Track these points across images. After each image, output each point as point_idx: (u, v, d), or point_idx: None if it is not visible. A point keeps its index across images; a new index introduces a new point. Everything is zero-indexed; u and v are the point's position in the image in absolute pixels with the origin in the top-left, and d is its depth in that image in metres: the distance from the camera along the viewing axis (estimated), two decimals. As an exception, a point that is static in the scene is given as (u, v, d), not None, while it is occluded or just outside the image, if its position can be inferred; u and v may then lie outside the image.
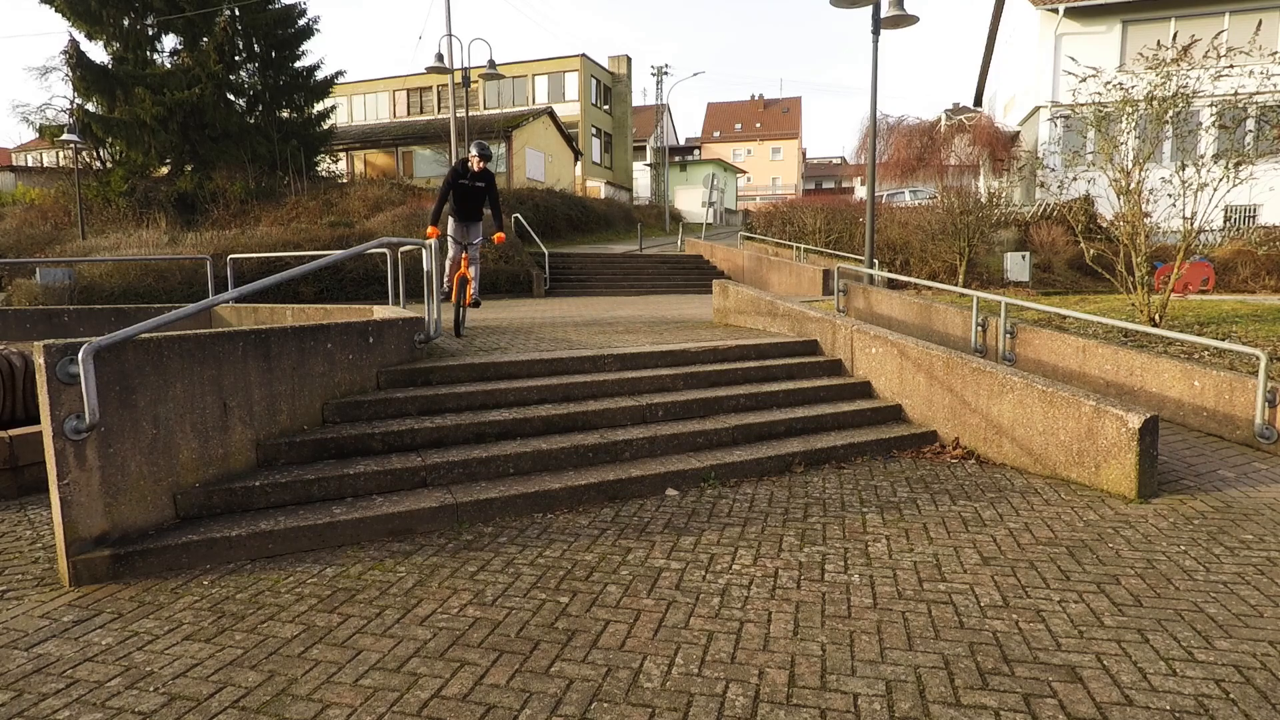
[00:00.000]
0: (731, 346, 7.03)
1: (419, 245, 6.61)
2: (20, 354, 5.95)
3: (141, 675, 2.85)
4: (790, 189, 63.25)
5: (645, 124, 53.11)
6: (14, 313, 10.21)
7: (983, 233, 15.83)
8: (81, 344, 3.58)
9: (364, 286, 15.72)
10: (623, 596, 3.48)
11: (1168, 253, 9.76)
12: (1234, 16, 20.61)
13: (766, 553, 3.99)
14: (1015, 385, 5.53)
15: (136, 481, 3.88)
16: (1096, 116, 8.86)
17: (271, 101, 24.63)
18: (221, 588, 3.60)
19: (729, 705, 2.64)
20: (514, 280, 17.56)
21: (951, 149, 24.07)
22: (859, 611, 3.32)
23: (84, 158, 23.17)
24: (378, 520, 4.19)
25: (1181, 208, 8.33)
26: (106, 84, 22.09)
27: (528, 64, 39.20)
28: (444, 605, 3.40)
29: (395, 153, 33.22)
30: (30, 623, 3.28)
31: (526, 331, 8.32)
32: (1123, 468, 4.86)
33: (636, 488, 4.90)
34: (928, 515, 4.54)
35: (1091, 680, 2.76)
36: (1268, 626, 3.14)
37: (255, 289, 4.85)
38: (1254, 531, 4.21)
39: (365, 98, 39.99)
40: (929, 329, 9.12)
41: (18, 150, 42.40)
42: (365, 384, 5.36)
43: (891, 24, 10.68)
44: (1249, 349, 5.88)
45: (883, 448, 5.87)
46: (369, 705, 2.65)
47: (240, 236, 17.65)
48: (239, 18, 23.06)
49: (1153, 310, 8.53)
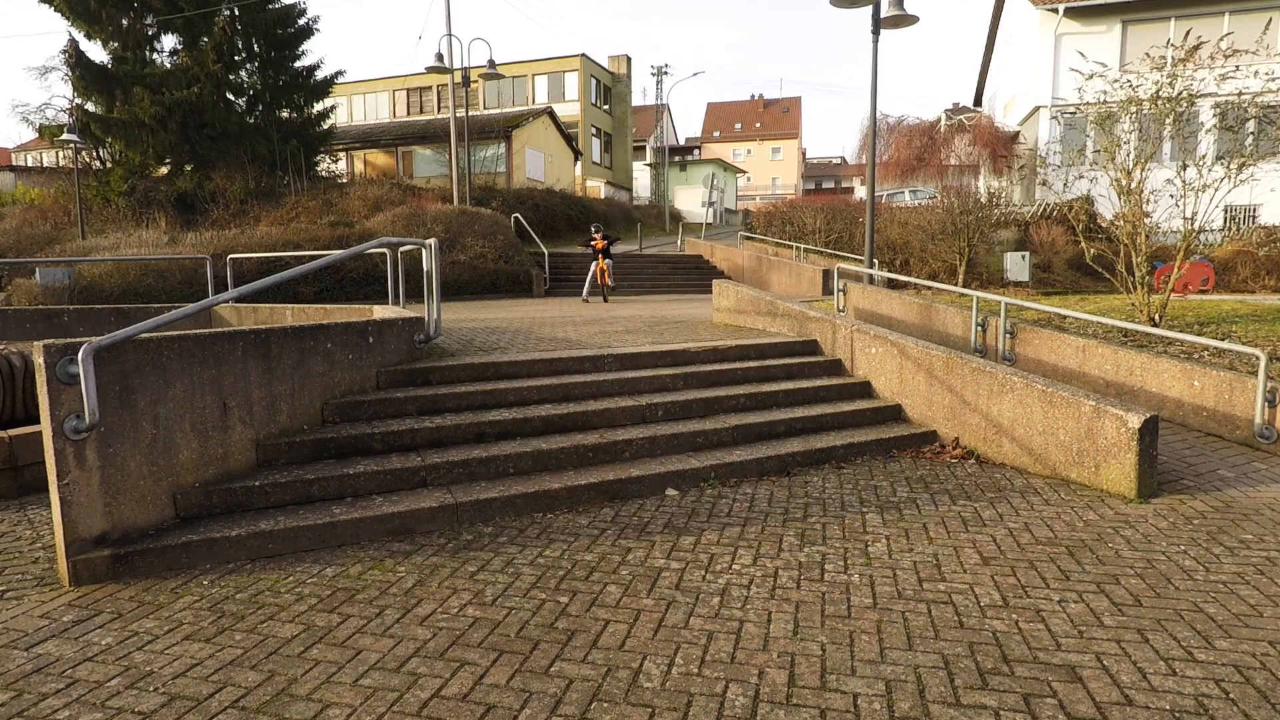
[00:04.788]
0: (731, 346, 7.03)
1: (419, 245, 6.61)
2: (20, 354, 5.94)
3: (141, 675, 2.85)
4: (790, 189, 63.24)
5: (645, 124, 53.10)
6: (14, 313, 10.20)
7: (983, 232, 15.83)
8: (81, 344, 3.58)
9: (364, 286, 15.71)
10: (622, 596, 3.48)
11: (1168, 252, 9.75)
12: (1234, 17, 20.61)
13: (766, 552, 3.98)
14: (1015, 385, 5.53)
15: (136, 481, 3.88)
16: (1099, 116, 8.86)
17: (271, 101, 24.58)
18: (221, 588, 3.60)
19: (729, 705, 2.64)
20: (514, 280, 17.55)
21: (951, 149, 24.06)
22: (859, 611, 3.32)
23: (83, 157, 23.14)
24: (377, 520, 4.19)
25: (1182, 208, 8.33)
26: (106, 84, 22.06)
27: (527, 64, 39.20)
28: (444, 605, 3.40)
29: (395, 152, 33.20)
30: (30, 623, 3.28)
31: (526, 331, 8.32)
32: (1122, 467, 4.86)
33: (636, 488, 4.90)
34: (928, 515, 4.54)
35: (1091, 680, 2.76)
36: (1268, 626, 3.14)
37: (255, 289, 4.85)
38: (1254, 531, 4.21)
39: (365, 98, 39.99)
40: (929, 329, 9.11)
41: (17, 150, 42.41)
42: (365, 384, 5.36)
43: (891, 24, 10.67)
44: (1249, 349, 5.88)
45: (883, 447, 5.87)
46: (369, 705, 2.65)
47: (240, 236, 17.62)
48: (238, 17, 23.02)
49: (1153, 310, 8.53)
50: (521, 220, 20.91)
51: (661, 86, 51.78)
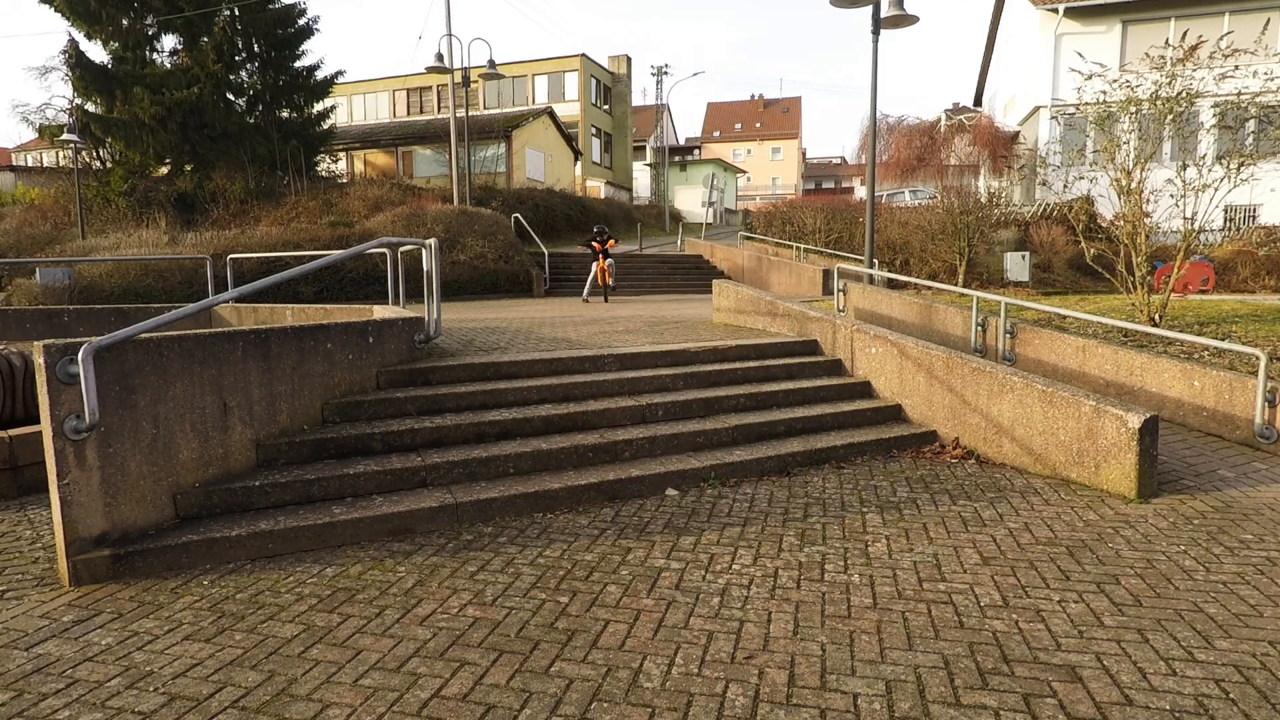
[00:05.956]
0: (731, 346, 7.03)
1: (419, 245, 6.61)
2: (20, 354, 5.94)
3: (141, 675, 2.85)
4: (790, 189, 63.23)
5: (645, 124, 53.09)
6: (14, 313, 10.20)
7: (983, 232, 15.83)
8: (81, 344, 3.58)
9: (364, 286, 15.71)
10: (622, 596, 3.48)
11: (1168, 252, 9.76)
12: (1234, 17, 20.62)
13: (766, 553, 3.98)
14: (1015, 385, 5.53)
15: (136, 481, 3.88)
16: (1099, 115, 8.86)
17: (271, 101, 24.58)
18: (221, 588, 3.60)
19: (729, 705, 2.64)
20: (514, 280, 17.55)
21: (951, 149, 24.04)
22: (859, 611, 3.32)
23: (83, 158, 23.13)
24: (377, 520, 4.19)
25: (1182, 208, 8.33)
26: (106, 84, 22.06)
27: (527, 64, 39.20)
28: (444, 605, 3.40)
29: (395, 152, 33.20)
30: (30, 623, 3.28)
31: (527, 331, 8.32)
32: (1122, 467, 4.86)
33: (636, 488, 4.90)
34: (928, 515, 4.54)
35: (1091, 680, 2.76)
36: (1268, 626, 3.14)
37: (255, 289, 4.85)
38: (1254, 531, 4.21)
39: (365, 98, 39.99)
40: (929, 329, 9.11)
41: (17, 150, 42.40)
42: (365, 384, 5.36)
43: (891, 24, 10.67)
44: (1249, 349, 5.88)
45: (883, 447, 5.87)
46: (369, 705, 2.65)
47: (240, 236, 17.62)
48: (239, 17, 23.02)
49: (1153, 310, 8.53)
50: (521, 220, 20.91)
51: (661, 86, 51.80)
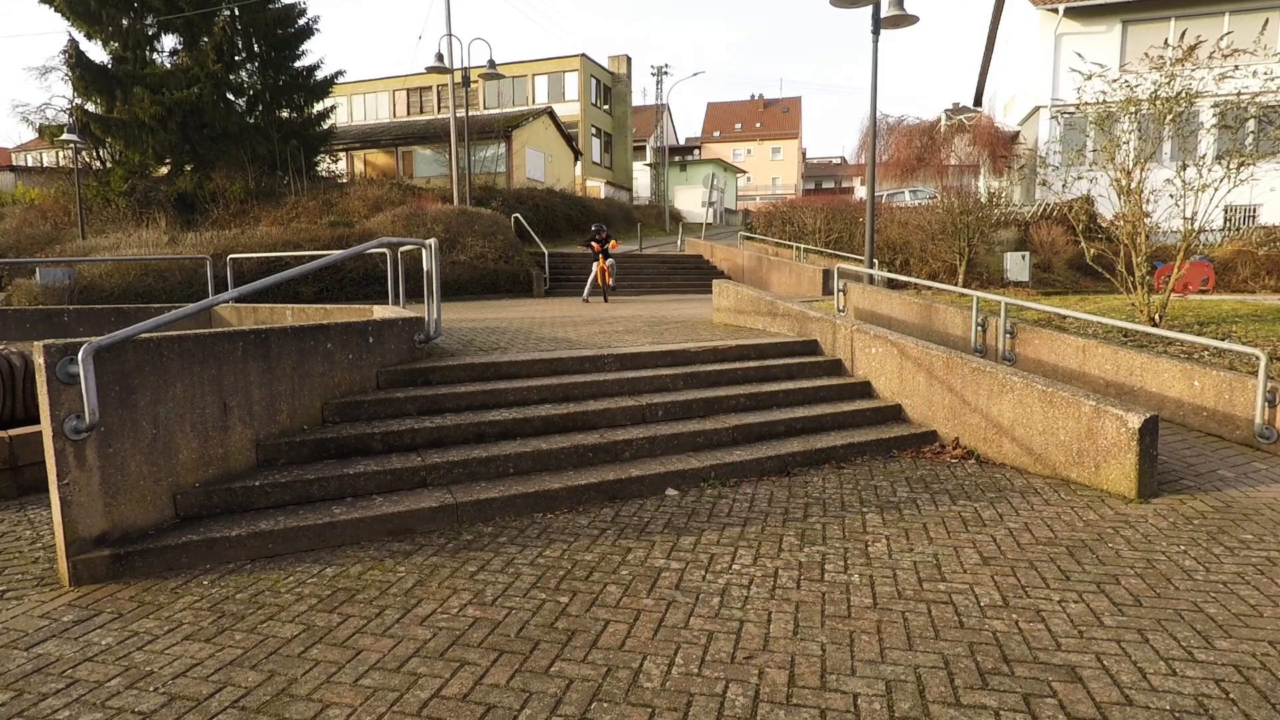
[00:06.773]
0: (731, 346, 7.03)
1: (419, 245, 6.61)
2: (20, 354, 5.94)
3: (141, 675, 2.85)
4: (790, 189, 63.22)
5: (645, 124, 53.09)
6: (14, 313, 10.20)
7: (983, 233, 15.83)
8: (81, 344, 3.58)
9: (364, 286, 15.72)
10: (622, 596, 3.48)
11: (1168, 252, 9.75)
12: (1234, 16, 20.61)
13: (766, 553, 3.98)
14: (1015, 385, 5.53)
15: (136, 481, 3.88)
16: (1099, 115, 8.86)
17: (271, 101, 24.58)
18: (221, 588, 3.60)
19: (729, 705, 2.64)
20: (514, 280, 17.55)
21: (951, 149, 24.03)
22: (859, 611, 3.32)
23: (83, 158, 23.13)
24: (377, 520, 4.19)
25: (1182, 208, 8.33)
26: (106, 84, 22.05)
27: (527, 64, 39.20)
28: (444, 605, 3.40)
29: (395, 153, 33.21)
30: (30, 623, 3.28)
31: (527, 331, 8.32)
32: (1122, 467, 4.86)
33: (636, 488, 4.90)
34: (928, 515, 4.54)
35: (1091, 680, 2.76)
36: (1268, 626, 3.14)
37: (255, 289, 4.85)
38: (1254, 531, 4.21)
39: (365, 98, 39.98)
40: (929, 329, 9.11)
41: (17, 150, 42.41)
42: (365, 384, 5.36)
43: (891, 24, 10.67)
44: (1249, 349, 5.88)
45: (883, 447, 5.87)
46: (369, 705, 2.65)
47: (240, 236, 17.61)
48: (238, 17, 23.02)
49: (1153, 310, 8.53)
50: (521, 220, 20.92)
51: (661, 86, 51.81)
